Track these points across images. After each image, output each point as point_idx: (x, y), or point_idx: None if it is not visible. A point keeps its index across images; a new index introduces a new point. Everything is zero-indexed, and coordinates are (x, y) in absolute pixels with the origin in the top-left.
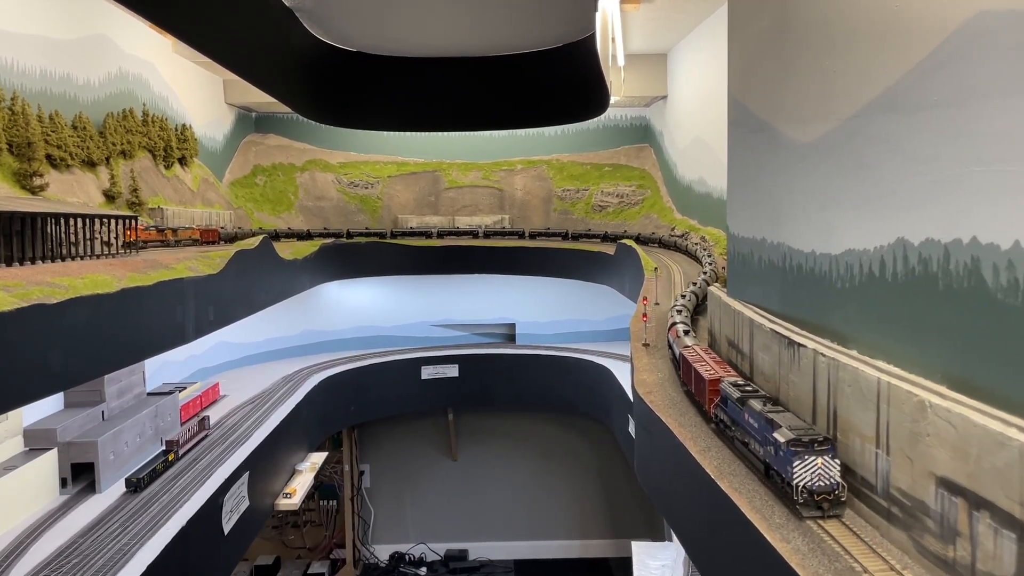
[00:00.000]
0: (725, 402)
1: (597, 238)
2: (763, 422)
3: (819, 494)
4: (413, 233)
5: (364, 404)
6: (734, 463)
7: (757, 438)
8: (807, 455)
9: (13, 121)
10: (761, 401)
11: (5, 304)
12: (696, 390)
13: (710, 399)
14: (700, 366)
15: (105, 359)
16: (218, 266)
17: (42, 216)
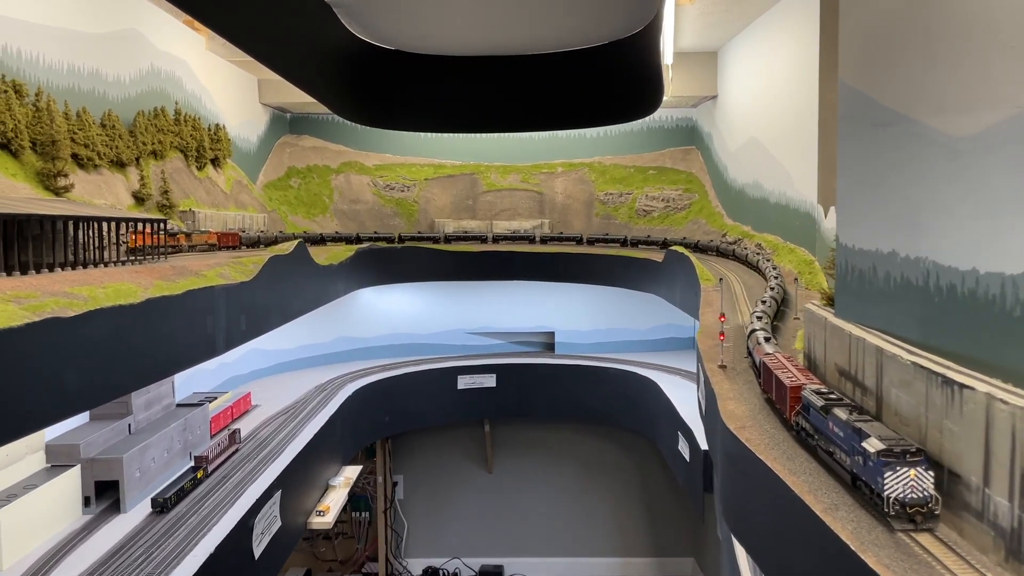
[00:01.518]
0: (807, 410)
1: (656, 244)
2: (850, 431)
3: (912, 506)
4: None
5: (399, 415)
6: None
7: (843, 448)
8: (899, 466)
9: (37, 118)
10: (846, 409)
11: (15, 318)
12: (777, 397)
13: (791, 406)
14: (781, 373)
15: (127, 377)
16: (251, 272)
17: (63, 219)
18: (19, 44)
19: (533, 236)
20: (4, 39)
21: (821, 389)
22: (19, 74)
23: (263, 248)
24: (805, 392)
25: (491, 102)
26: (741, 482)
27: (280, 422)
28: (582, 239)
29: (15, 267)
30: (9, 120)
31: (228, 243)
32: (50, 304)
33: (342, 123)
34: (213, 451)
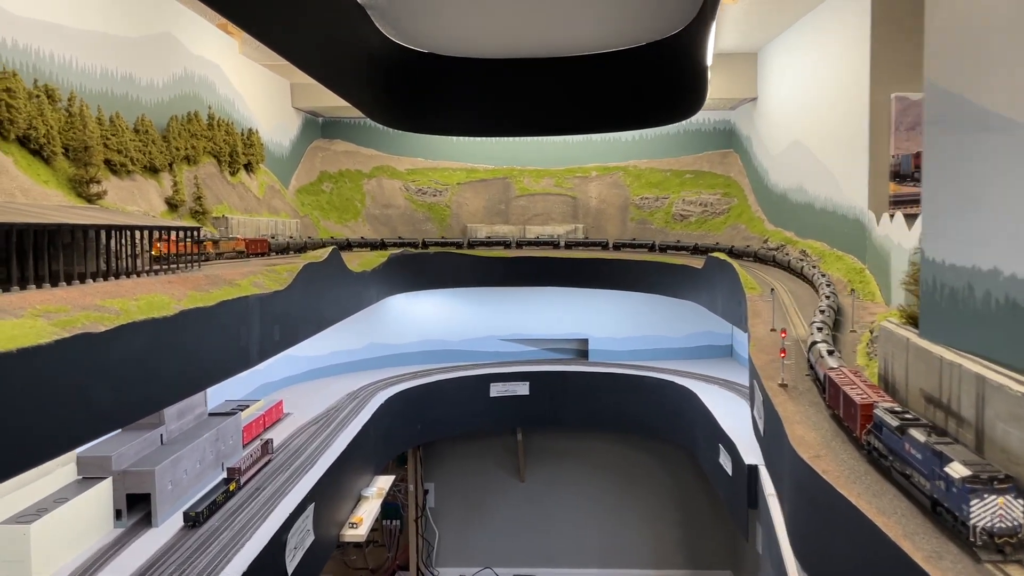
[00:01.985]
0: (879, 429)
1: (686, 250)
2: (929, 454)
3: (1000, 536)
4: (489, 243)
5: (431, 422)
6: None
7: (922, 471)
8: (986, 493)
9: (70, 123)
10: (925, 431)
11: (43, 335)
12: (845, 415)
13: (862, 425)
14: (850, 389)
15: (160, 393)
16: (285, 281)
17: (94, 228)
18: (52, 48)
19: (558, 241)
20: (37, 43)
21: (895, 407)
22: (51, 78)
23: (293, 254)
24: (877, 410)
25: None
26: (818, 518)
27: (312, 431)
28: (607, 244)
29: (45, 279)
30: (41, 125)
31: (256, 250)
32: (81, 319)
33: (374, 127)
34: (245, 462)
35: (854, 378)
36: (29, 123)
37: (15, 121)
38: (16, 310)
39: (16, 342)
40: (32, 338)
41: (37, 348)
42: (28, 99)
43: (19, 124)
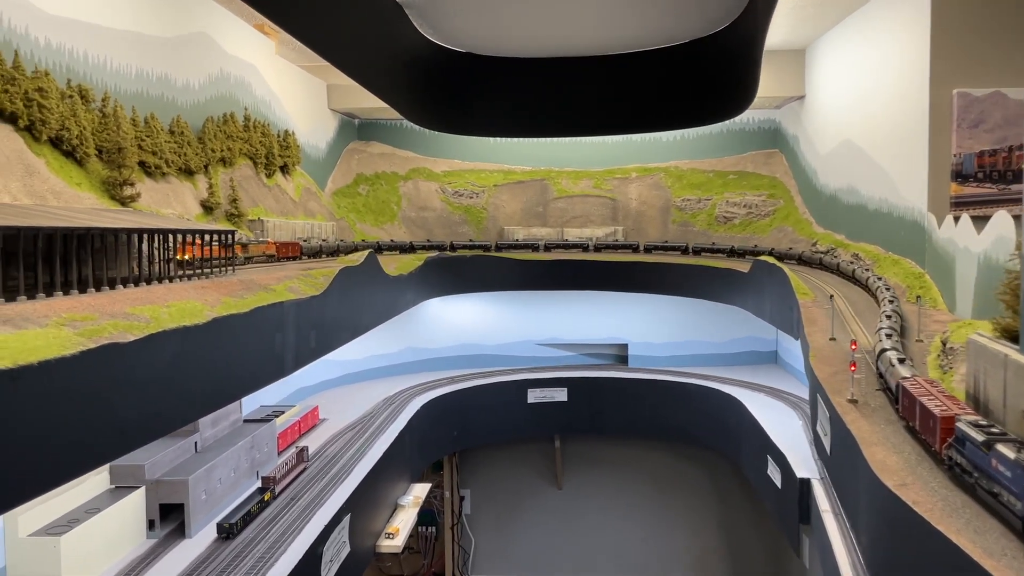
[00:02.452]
0: (962, 443)
1: (722, 252)
2: (1020, 472)
3: None
4: (519, 246)
5: (467, 429)
6: None
7: (1012, 490)
8: None
9: (103, 124)
10: (1013, 446)
11: (68, 346)
12: (922, 427)
13: (942, 438)
14: (928, 401)
15: (190, 406)
16: (321, 286)
17: (125, 231)
18: (86, 47)
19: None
20: (71, 42)
21: (979, 421)
22: (85, 78)
23: (326, 258)
24: (960, 424)
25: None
26: (908, 551)
27: (348, 438)
28: (638, 247)
29: (73, 285)
30: (74, 126)
31: (287, 254)
32: (108, 328)
33: (410, 129)
34: (280, 471)
35: (931, 388)
36: (62, 124)
37: (47, 122)
38: (40, 318)
39: (37, 354)
40: (55, 349)
41: (60, 360)
42: (61, 99)
43: (51, 125)
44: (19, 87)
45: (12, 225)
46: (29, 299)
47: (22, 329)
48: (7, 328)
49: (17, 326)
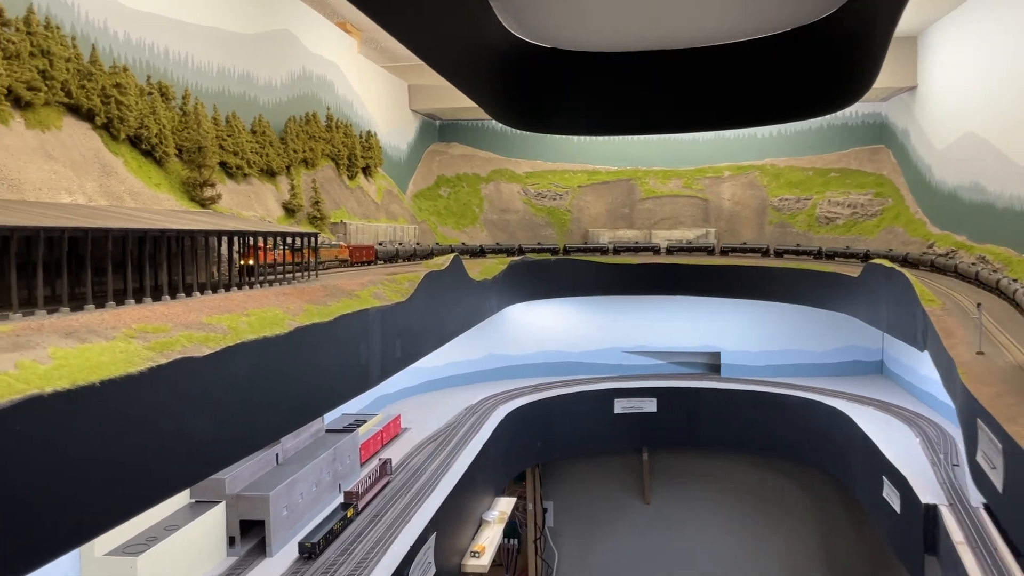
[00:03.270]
0: None
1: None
2: None
3: None
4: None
5: (552, 440)
6: None
7: None
8: None
9: (184, 122)
10: None
11: (136, 361)
12: None
13: None
14: None
15: (269, 426)
16: (407, 291)
17: (203, 234)
18: (166, 43)
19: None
20: (151, 38)
21: None
22: (166, 75)
23: (402, 262)
24: None
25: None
26: None
27: (432, 449)
28: (712, 249)
29: (146, 292)
30: (154, 124)
31: (361, 258)
32: (181, 340)
33: (492, 129)
34: (363, 485)
35: None
36: (140, 122)
37: (125, 119)
38: (108, 330)
39: (100, 371)
40: (120, 366)
41: (125, 379)
42: (140, 96)
43: (130, 123)
44: (96, 83)
45: (80, 227)
46: (98, 308)
47: (86, 343)
48: (69, 341)
49: (81, 339)
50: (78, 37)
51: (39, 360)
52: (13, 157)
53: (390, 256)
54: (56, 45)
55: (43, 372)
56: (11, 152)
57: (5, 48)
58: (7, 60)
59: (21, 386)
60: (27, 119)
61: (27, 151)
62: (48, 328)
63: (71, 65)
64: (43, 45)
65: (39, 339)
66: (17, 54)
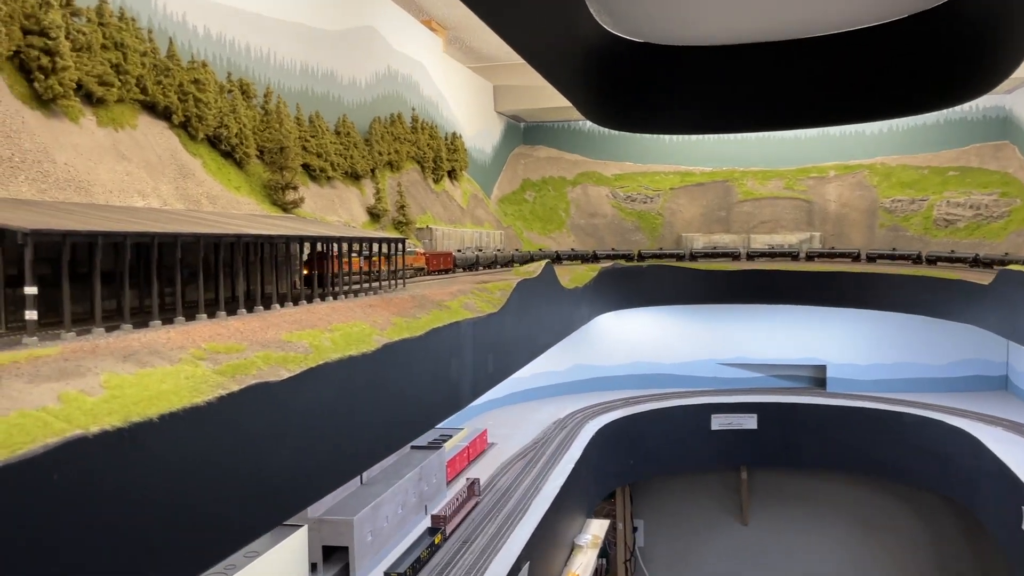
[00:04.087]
0: None
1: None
2: None
3: None
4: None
5: (645, 457)
6: None
7: None
8: None
9: (265, 122)
10: None
11: (201, 389)
12: None
13: None
14: None
15: (354, 457)
16: (498, 301)
17: (284, 239)
18: (248, 39)
19: (798, 252)
20: (232, 33)
21: None
22: (247, 73)
23: (482, 270)
24: None
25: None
26: None
27: (520, 467)
28: (797, 254)
29: (220, 305)
30: (234, 124)
31: (439, 266)
32: (257, 361)
33: (579, 131)
34: (451, 507)
35: None
36: (220, 120)
37: (204, 118)
38: (173, 351)
39: (159, 403)
40: (184, 395)
41: (190, 411)
42: (219, 94)
43: (208, 122)
44: (174, 78)
45: (145, 231)
46: (165, 325)
47: (146, 367)
48: (127, 366)
49: (141, 363)
50: (155, 31)
51: (88, 391)
52: (83, 157)
53: (469, 263)
54: (131, 38)
55: (91, 406)
56: (81, 152)
57: (75, 39)
58: (77, 52)
59: (61, 426)
60: (99, 117)
61: (98, 151)
62: (104, 350)
63: (147, 60)
64: (116, 37)
65: (91, 364)
66: (88, 46)
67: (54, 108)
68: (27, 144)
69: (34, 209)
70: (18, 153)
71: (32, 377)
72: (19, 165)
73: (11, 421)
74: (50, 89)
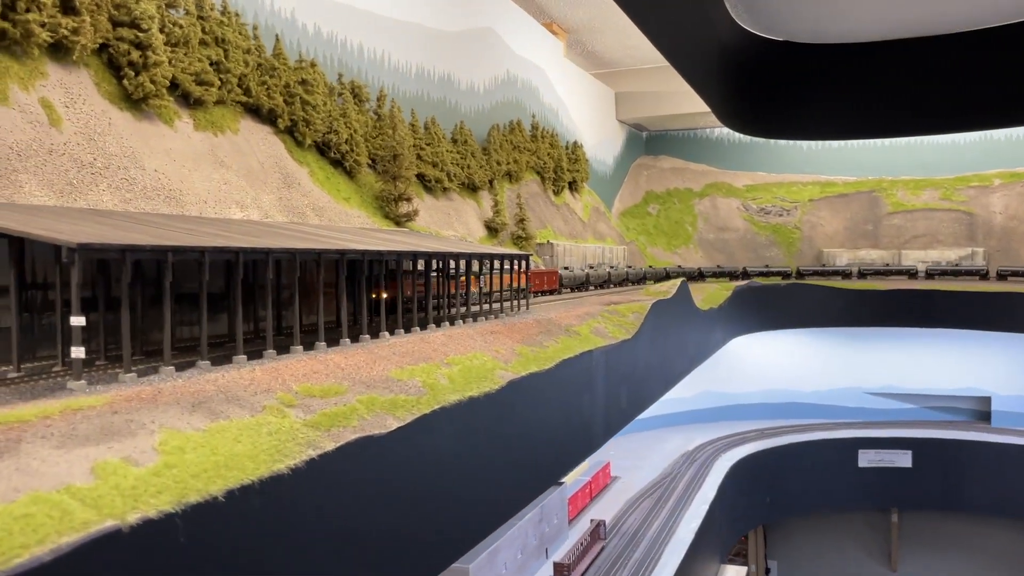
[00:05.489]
0: None
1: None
2: None
3: None
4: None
5: (782, 495)
6: None
7: None
8: None
9: (378, 128)
10: None
11: (288, 449)
12: None
13: None
14: None
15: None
16: (632, 325)
17: (395, 256)
18: (361, 39)
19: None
20: (344, 32)
21: None
22: (359, 75)
23: (594, 289)
24: None
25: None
26: None
27: (648, 507)
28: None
29: (320, 334)
30: (344, 129)
31: (543, 286)
32: (359, 408)
33: (705, 140)
34: (575, 554)
35: None
36: (329, 125)
37: (311, 122)
38: (257, 395)
39: (228, 474)
40: (263, 459)
41: (271, 482)
42: (328, 96)
43: (316, 126)
44: (279, 79)
45: (226, 246)
46: (251, 360)
47: (219, 419)
48: (194, 418)
49: (214, 413)
50: (260, 27)
51: (134, 457)
52: (175, 164)
53: (578, 283)
54: (233, 33)
55: (134, 482)
56: (173, 158)
57: (169, 33)
58: (172, 47)
59: (85, 516)
60: (196, 119)
61: (193, 157)
62: (168, 396)
63: (250, 58)
64: (217, 32)
65: (148, 417)
66: (185, 41)
67: (145, 109)
68: (113, 148)
69: (100, 220)
70: (101, 158)
71: (64, 439)
72: (102, 171)
73: (16, 512)
74: (140, 87)
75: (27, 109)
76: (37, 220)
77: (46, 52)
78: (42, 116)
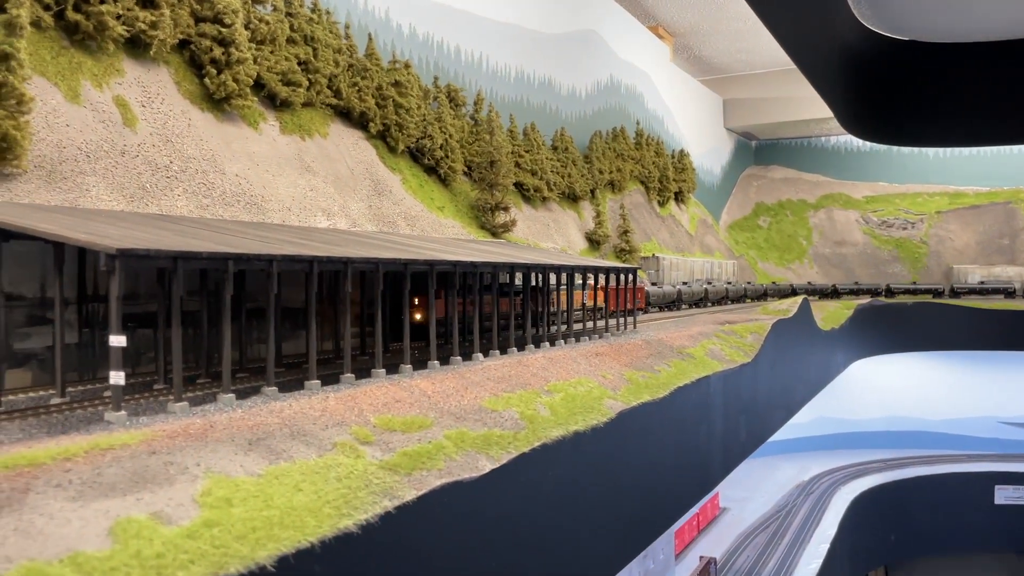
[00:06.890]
0: None
1: None
2: None
3: None
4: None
5: (908, 533)
6: None
7: None
8: None
9: (474, 133)
10: None
11: (359, 500)
12: None
13: None
14: None
15: None
16: (751, 347)
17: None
18: (459, 41)
19: None
20: (440, 33)
21: None
22: (456, 78)
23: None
24: None
25: None
26: None
27: (762, 543)
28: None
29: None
30: (439, 134)
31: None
32: (446, 446)
33: (820, 148)
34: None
35: None
36: (423, 130)
37: (405, 127)
38: (328, 429)
39: (283, 534)
40: (328, 514)
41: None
42: (423, 100)
43: (410, 131)
44: (371, 80)
45: (298, 255)
46: (326, 385)
47: (280, 460)
48: (250, 460)
49: (274, 453)
50: (352, 27)
51: (167, 512)
52: (258, 168)
53: (668, 301)
54: (323, 32)
55: (160, 548)
56: (256, 162)
57: (255, 29)
58: (257, 45)
59: None
60: (283, 122)
61: (278, 161)
62: (221, 430)
63: (341, 58)
64: (306, 30)
65: (193, 457)
66: (271, 38)
67: (228, 109)
68: (191, 150)
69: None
70: (179, 160)
71: (83, 488)
72: (178, 175)
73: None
74: (223, 86)
75: (100, 108)
76: (87, 224)
77: (122, 47)
78: (116, 115)
